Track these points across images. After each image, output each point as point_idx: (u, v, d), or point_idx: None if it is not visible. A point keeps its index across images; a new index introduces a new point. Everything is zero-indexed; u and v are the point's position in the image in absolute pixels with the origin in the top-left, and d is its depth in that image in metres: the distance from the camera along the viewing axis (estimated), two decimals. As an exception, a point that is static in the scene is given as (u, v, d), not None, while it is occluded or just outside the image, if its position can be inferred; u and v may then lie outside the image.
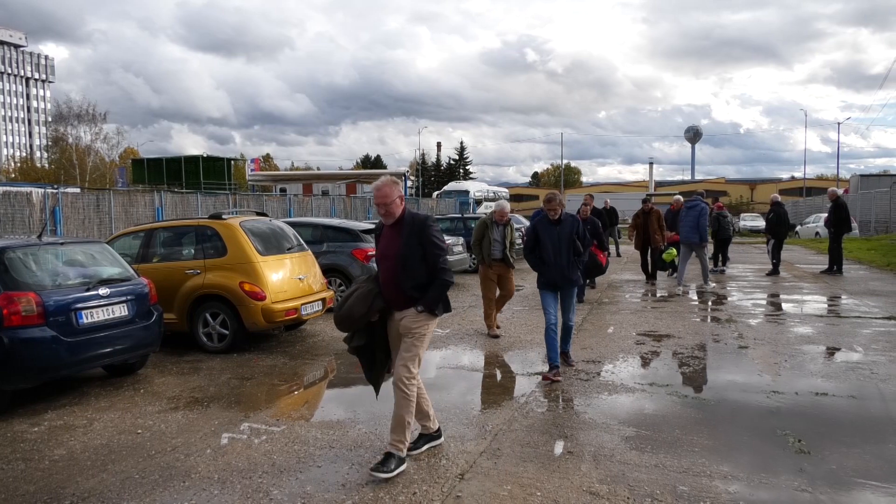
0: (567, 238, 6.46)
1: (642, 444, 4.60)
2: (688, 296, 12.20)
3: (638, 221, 14.10)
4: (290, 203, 23.51)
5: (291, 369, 7.00)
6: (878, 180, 34.89)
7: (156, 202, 17.30)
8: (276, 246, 8.30)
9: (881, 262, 16.95)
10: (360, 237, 11.16)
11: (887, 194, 27.55)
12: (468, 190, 43.79)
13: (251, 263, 7.70)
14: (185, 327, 7.77)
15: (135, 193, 17.87)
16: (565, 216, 6.62)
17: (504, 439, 4.75)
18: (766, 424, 5.01)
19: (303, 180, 54.64)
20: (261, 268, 7.71)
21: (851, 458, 4.31)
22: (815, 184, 66.56)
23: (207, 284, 7.68)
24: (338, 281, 10.65)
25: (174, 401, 5.86)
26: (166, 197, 17.79)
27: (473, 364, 7.14)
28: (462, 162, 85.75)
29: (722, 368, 6.78)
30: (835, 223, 14.92)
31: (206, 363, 7.18)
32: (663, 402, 5.62)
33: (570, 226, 6.51)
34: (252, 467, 4.30)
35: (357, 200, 29.26)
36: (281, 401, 5.92)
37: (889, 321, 9.04)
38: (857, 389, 5.88)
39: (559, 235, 6.45)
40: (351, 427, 5.05)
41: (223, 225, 7.97)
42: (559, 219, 6.49)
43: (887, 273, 15.15)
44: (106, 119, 57.85)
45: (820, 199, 38.04)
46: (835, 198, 15.06)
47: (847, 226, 14.98)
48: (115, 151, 61.85)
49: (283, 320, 7.83)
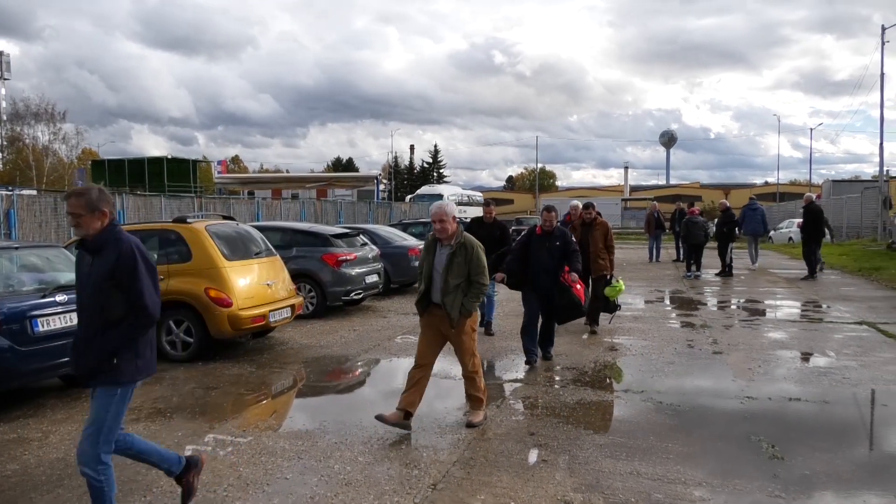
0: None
1: (617, 452, 4.64)
2: (665, 301, 12.37)
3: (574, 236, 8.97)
4: (258, 206, 23.29)
5: (259, 378, 6.93)
6: (850, 186, 35.75)
7: (117, 205, 17.01)
8: (244, 251, 8.23)
9: (853, 267, 17.37)
10: (330, 242, 11.09)
11: (858, 199, 28.25)
12: (442, 194, 43.74)
13: (217, 269, 7.61)
14: (148, 335, 7.64)
15: (95, 196, 17.49)
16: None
17: (477, 448, 4.75)
18: (739, 430, 5.10)
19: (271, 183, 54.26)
20: (227, 273, 7.63)
21: (824, 463, 4.41)
22: (789, 189, 68.03)
23: (171, 291, 7.56)
24: (307, 287, 10.57)
25: (135, 412, 5.75)
26: (128, 200, 17.51)
27: (446, 371, 7.14)
28: (436, 165, 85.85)
29: (696, 374, 6.88)
30: (805, 228, 15.67)
31: (170, 372, 7.07)
32: (638, 408, 5.69)
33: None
34: (217, 480, 4.24)
35: (328, 204, 29.08)
36: (248, 411, 5.86)
37: (860, 326, 9.27)
38: (829, 394, 6.01)
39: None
40: (320, 437, 5.01)
41: (188, 229, 7.88)
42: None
43: (859, 278, 15.54)
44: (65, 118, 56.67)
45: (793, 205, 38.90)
46: (808, 203, 15.74)
47: (819, 232, 15.56)
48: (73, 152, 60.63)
49: (251, 327, 7.75)
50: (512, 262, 7.19)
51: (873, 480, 4.18)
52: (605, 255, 8.98)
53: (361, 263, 11.27)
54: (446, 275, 5.04)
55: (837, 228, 29.62)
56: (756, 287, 14.23)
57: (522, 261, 7.07)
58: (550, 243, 6.96)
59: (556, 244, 6.96)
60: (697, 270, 16.40)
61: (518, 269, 7.10)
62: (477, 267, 5.05)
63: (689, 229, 16.55)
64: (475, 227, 8.77)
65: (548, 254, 6.93)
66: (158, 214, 17.90)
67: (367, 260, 11.60)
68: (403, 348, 8.22)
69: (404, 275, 13.50)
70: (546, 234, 7.04)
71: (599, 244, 8.99)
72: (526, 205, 70.15)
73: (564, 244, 7.01)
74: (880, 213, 25.44)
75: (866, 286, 14.07)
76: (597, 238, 9.01)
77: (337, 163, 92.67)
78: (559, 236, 7.04)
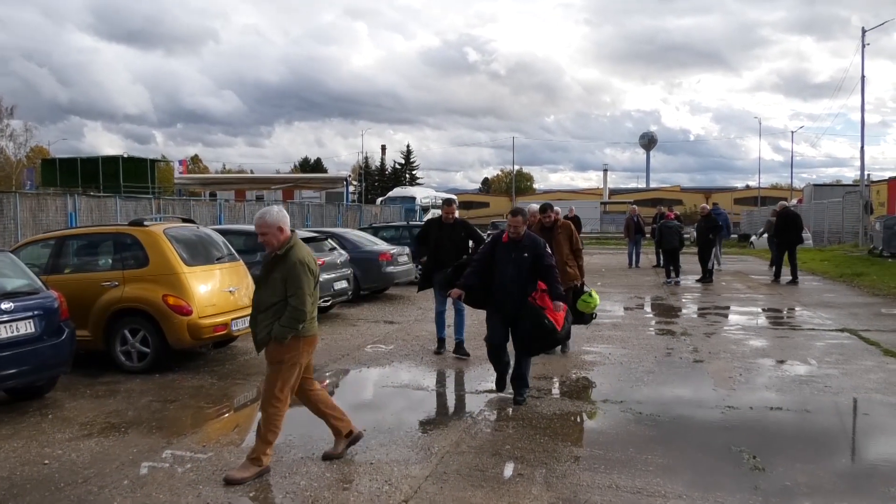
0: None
1: (595, 464, 4.68)
2: (644, 308, 12.52)
3: None
4: (220, 209, 23.08)
5: (220, 390, 6.86)
6: (832, 190, 36.61)
7: (69, 207, 16.73)
8: (205, 255, 8.15)
9: (834, 272, 17.79)
10: (297, 246, 11.02)
11: (840, 204, 28.93)
12: (415, 196, 43.82)
13: (176, 274, 7.52)
14: (101, 345, 7.52)
15: (45, 197, 17.24)
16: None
17: (451, 462, 4.76)
18: (720, 440, 5.18)
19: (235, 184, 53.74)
20: (187, 279, 7.54)
21: (805, 474, 4.50)
22: (770, 193, 69.37)
23: (127, 298, 7.46)
24: (272, 293, 10.47)
25: (87, 427, 5.65)
26: (81, 201, 17.23)
27: (417, 382, 7.13)
28: (409, 166, 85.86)
29: (676, 383, 6.97)
30: (776, 233, 16.77)
31: (125, 385, 6.96)
32: (616, 419, 5.75)
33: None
34: (175, 499, 4.18)
35: (294, 206, 28.91)
36: (208, 425, 5.79)
37: (842, 333, 9.49)
38: (810, 403, 6.14)
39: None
40: (285, 452, 4.97)
41: (145, 232, 7.78)
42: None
43: (840, 284, 15.91)
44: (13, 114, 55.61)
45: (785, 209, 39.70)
46: (781, 209, 16.94)
47: (787, 236, 16.33)
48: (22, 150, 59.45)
49: (212, 337, 7.67)
50: (472, 274, 6.38)
51: (855, 491, 4.27)
52: (573, 262, 8.12)
53: (330, 269, 11.20)
54: (257, 291, 4.69)
55: (819, 233, 30.31)
56: (737, 293, 14.48)
57: (485, 273, 6.28)
58: (517, 254, 6.10)
59: (525, 255, 6.08)
60: (677, 276, 16.64)
61: (479, 284, 6.32)
62: (292, 286, 4.51)
63: (662, 234, 16.85)
64: (433, 229, 8.20)
65: (514, 267, 6.09)
66: (114, 217, 17.66)
67: (336, 265, 11.55)
68: (374, 358, 8.19)
69: (375, 281, 13.46)
70: (513, 243, 6.17)
71: (565, 250, 8.06)
72: (502, 208, 70.51)
73: (536, 256, 6.08)
74: (861, 218, 26.10)
75: (847, 292, 14.41)
76: (561, 243, 8.01)
77: (304, 163, 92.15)
78: (529, 246, 6.12)
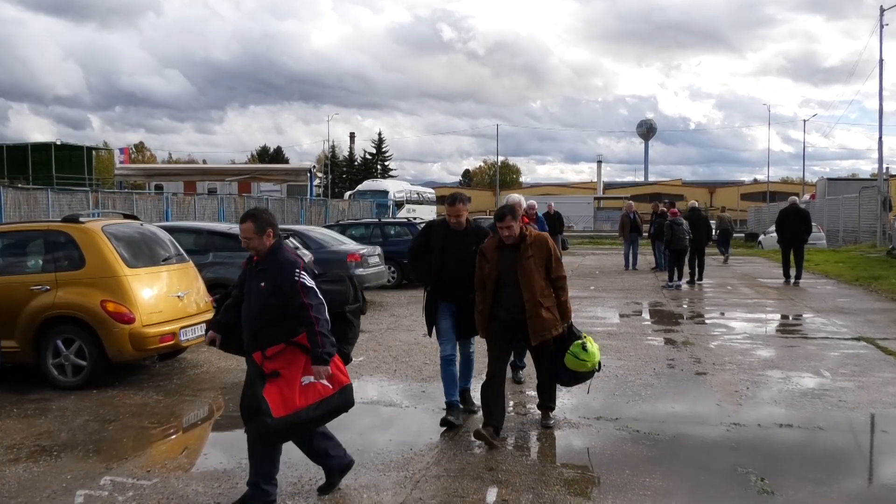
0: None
1: (587, 489, 4.71)
2: (642, 315, 12.62)
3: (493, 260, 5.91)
4: (167, 203, 22.93)
5: (167, 408, 6.81)
6: (847, 185, 37.11)
7: (-7, 200, 16.52)
8: (149, 256, 8.11)
9: (850, 276, 18.06)
10: (254, 246, 10.97)
11: (856, 200, 29.16)
12: (387, 190, 43.82)
13: (116, 277, 7.46)
14: (30, 357, 7.41)
15: (-36, 189, 16.98)
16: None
17: (427, 487, 4.76)
18: (725, 461, 5.24)
19: (184, 176, 53.21)
20: (128, 283, 7.48)
21: (818, 497, 4.56)
22: (780, 188, 70.22)
23: (59, 304, 7.38)
24: (226, 299, 10.42)
25: (14, 450, 5.58)
26: (7, 194, 17.03)
27: (389, 398, 7.12)
28: (380, 157, 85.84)
29: (677, 398, 7.04)
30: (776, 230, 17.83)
31: (57, 402, 6.88)
32: (611, 438, 5.78)
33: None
34: (114, 531, 4.13)
35: (252, 201, 28.74)
36: (153, 448, 5.76)
37: (857, 342, 9.65)
38: (824, 420, 6.23)
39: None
40: (241, 478, 4.92)
41: (80, 230, 7.70)
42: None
43: (856, 288, 16.17)
44: (-73, 95, 54.63)
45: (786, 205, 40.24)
46: (792, 204, 17.69)
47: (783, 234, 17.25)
48: (-61, 136, 58.44)
49: (157, 347, 7.62)
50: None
51: (871, 516, 4.34)
52: (551, 300, 5.77)
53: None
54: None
55: (833, 232, 30.76)
56: (744, 298, 14.66)
57: None
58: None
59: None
60: (679, 280, 16.79)
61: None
62: None
63: (674, 232, 16.84)
64: (435, 237, 6.25)
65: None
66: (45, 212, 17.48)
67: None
68: (341, 371, 8.15)
69: (342, 284, 13.39)
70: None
71: (538, 282, 5.69)
72: (485, 203, 70.66)
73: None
74: (879, 216, 26.41)
75: (864, 297, 14.66)
76: (532, 271, 5.67)
77: (263, 152, 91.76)
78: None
